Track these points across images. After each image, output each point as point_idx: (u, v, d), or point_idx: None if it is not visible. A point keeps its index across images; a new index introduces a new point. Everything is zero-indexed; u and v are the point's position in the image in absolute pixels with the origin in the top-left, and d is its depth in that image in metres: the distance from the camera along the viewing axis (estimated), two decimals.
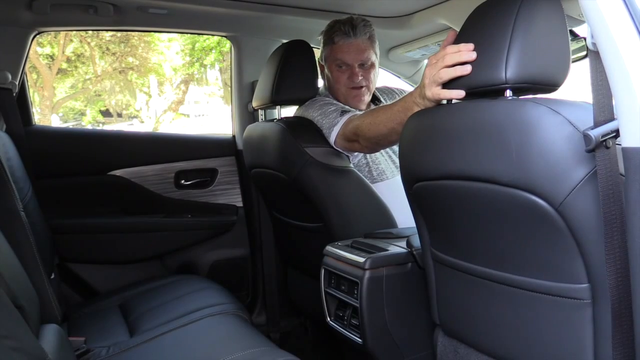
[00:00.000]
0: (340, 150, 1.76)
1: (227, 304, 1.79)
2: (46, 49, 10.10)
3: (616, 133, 0.90)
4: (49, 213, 2.05)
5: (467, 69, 1.12)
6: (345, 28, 1.91)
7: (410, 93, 1.37)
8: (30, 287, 1.40)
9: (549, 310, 1.04)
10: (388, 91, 2.18)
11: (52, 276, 1.77)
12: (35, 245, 1.59)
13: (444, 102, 1.24)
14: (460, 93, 1.15)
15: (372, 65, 1.95)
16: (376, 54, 1.96)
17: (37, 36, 2.21)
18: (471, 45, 1.12)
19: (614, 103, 0.92)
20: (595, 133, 0.90)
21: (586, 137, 0.90)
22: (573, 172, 0.93)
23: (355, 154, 1.83)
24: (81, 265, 2.25)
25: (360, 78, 1.91)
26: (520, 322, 1.10)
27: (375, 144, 1.64)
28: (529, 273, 1.06)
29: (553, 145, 0.94)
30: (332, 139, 1.74)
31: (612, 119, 0.92)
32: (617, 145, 0.91)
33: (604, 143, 0.90)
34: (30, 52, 2.21)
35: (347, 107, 1.86)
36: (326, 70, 1.99)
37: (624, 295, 0.93)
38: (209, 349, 1.48)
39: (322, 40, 1.99)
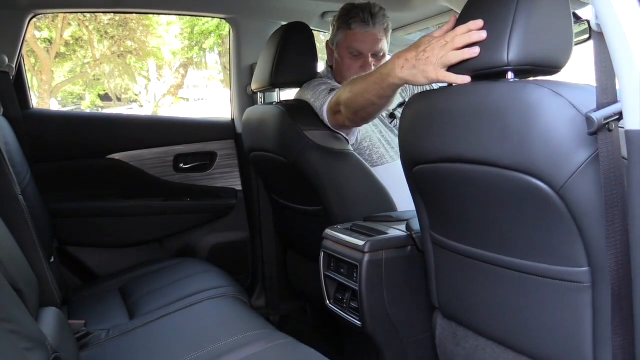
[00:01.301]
0: (334, 129, 1.74)
1: (226, 287, 1.80)
2: (44, 33, 10.05)
3: (619, 116, 0.89)
4: (48, 197, 2.05)
5: (476, 51, 1.09)
6: (364, 16, 1.87)
7: (387, 66, 1.33)
8: (30, 270, 1.40)
9: (548, 293, 1.04)
10: None
11: (52, 260, 1.77)
12: (34, 229, 1.59)
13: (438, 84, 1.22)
14: (466, 79, 1.13)
15: (384, 55, 1.94)
16: (388, 44, 1.94)
17: (34, 19, 2.19)
18: (480, 22, 1.09)
19: (617, 86, 0.91)
20: (598, 115, 0.88)
21: (589, 119, 0.89)
22: (575, 155, 0.92)
23: (355, 136, 1.82)
24: (81, 248, 2.25)
25: (372, 68, 1.89)
26: (519, 305, 1.10)
27: (354, 115, 1.60)
28: (529, 256, 1.06)
29: (555, 127, 0.93)
30: (325, 118, 1.72)
31: (615, 101, 0.90)
32: (620, 128, 0.90)
33: (607, 126, 0.88)
34: (28, 36, 2.19)
35: (336, 84, 1.84)
36: (336, 54, 1.96)
37: (624, 278, 0.92)
38: (208, 331, 1.49)
39: (335, 23, 1.95)
